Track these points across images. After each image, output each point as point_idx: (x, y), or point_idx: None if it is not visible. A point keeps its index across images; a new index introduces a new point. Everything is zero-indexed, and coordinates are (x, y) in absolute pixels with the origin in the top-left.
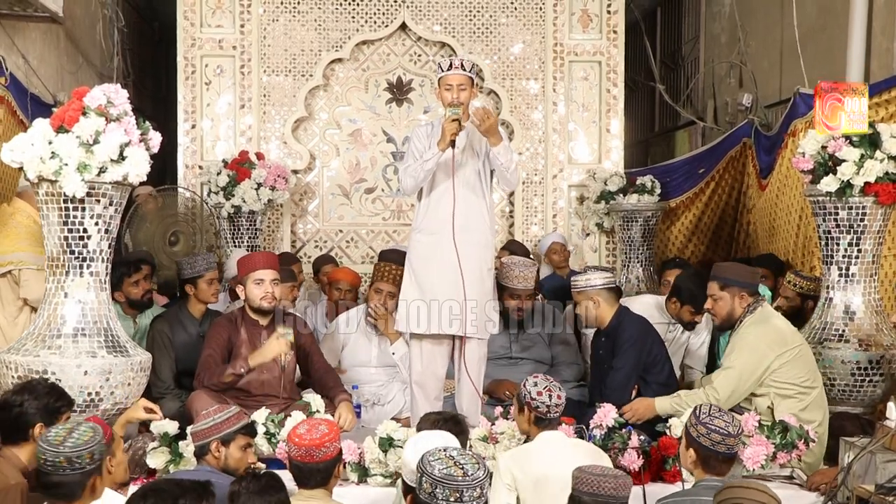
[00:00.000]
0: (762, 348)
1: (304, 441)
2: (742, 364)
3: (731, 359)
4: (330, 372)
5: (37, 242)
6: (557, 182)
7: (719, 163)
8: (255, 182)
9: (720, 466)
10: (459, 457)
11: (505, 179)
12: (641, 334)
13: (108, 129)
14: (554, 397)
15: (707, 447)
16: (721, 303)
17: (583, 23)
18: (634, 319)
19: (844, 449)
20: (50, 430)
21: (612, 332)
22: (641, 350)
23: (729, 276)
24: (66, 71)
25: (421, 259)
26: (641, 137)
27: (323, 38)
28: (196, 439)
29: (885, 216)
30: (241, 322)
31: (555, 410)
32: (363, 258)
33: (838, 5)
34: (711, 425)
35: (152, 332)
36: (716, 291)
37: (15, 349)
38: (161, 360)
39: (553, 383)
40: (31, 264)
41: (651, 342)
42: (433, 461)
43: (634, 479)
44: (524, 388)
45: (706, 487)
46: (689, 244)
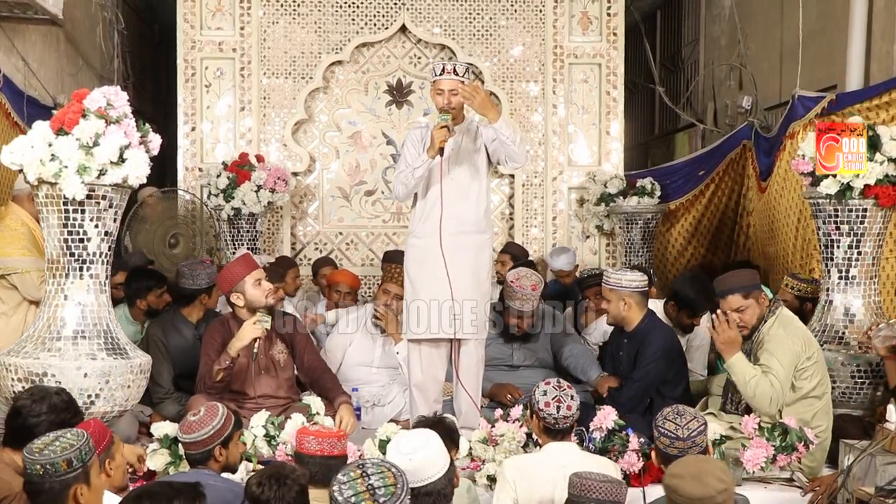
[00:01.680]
0: (795, 347)
1: (324, 432)
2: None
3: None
4: (327, 372)
5: (25, 246)
6: (557, 184)
7: (719, 165)
8: (254, 184)
9: None
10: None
11: (513, 154)
12: (668, 349)
13: (108, 132)
14: (563, 409)
15: (660, 449)
16: (749, 311)
17: (583, 25)
18: (664, 330)
19: (844, 451)
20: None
21: (639, 338)
22: (668, 366)
23: (746, 283)
24: (66, 73)
25: (416, 263)
26: (641, 140)
27: (323, 41)
28: (197, 448)
29: (885, 218)
30: (233, 324)
31: (563, 422)
32: (363, 260)
33: (838, 8)
34: (662, 428)
35: (147, 338)
36: (741, 302)
37: (15, 351)
38: (158, 366)
39: (564, 392)
40: (18, 269)
41: (676, 356)
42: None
43: (634, 482)
44: (534, 394)
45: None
46: (688, 246)
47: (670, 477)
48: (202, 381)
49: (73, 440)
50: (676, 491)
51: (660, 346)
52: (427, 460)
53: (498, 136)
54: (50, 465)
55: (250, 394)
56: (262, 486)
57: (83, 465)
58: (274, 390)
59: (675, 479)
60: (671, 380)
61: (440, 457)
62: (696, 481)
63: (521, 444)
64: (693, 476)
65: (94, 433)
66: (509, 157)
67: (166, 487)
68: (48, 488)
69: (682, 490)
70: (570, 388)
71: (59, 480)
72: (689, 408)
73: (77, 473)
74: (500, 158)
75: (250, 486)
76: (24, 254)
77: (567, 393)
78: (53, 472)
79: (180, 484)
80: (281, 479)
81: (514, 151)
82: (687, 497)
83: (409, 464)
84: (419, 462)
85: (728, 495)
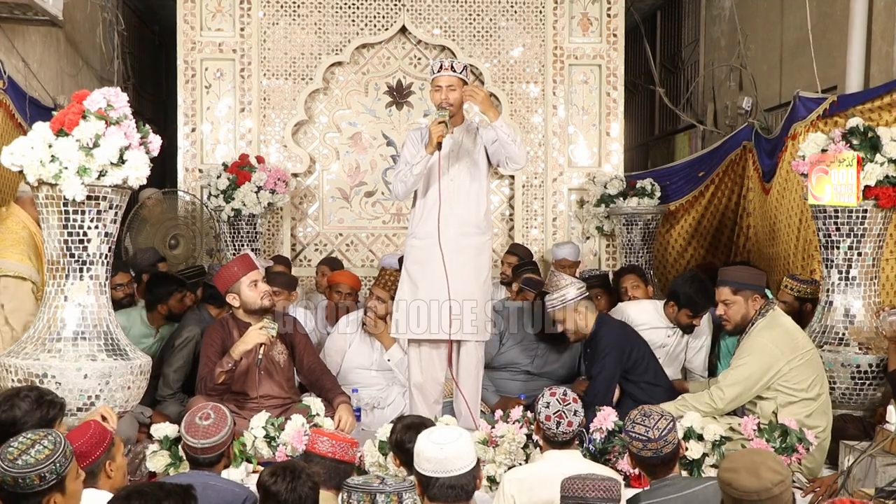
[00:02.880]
0: (774, 352)
1: (339, 436)
2: (752, 366)
3: (741, 360)
4: (326, 373)
5: (24, 252)
6: (557, 185)
7: (719, 166)
8: (254, 185)
9: (656, 470)
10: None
11: (513, 154)
12: (619, 339)
13: (108, 133)
14: (563, 425)
15: (635, 453)
16: (734, 307)
17: (583, 26)
18: (612, 325)
19: (844, 452)
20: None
21: (592, 340)
22: (621, 356)
23: (740, 280)
24: (66, 74)
25: (416, 264)
26: (641, 141)
27: (323, 42)
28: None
29: (886, 219)
30: (232, 325)
31: (563, 436)
32: (363, 261)
33: (838, 9)
34: (633, 432)
35: (177, 337)
36: (728, 296)
37: (14, 352)
38: (178, 365)
39: (567, 407)
40: (10, 271)
41: (631, 346)
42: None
43: (634, 483)
44: (537, 403)
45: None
46: (688, 247)
47: (724, 471)
48: (202, 382)
49: (49, 450)
50: (731, 485)
51: (608, 339)
52: (458, 452)
53: (498, 134)
54: (21, 479)
55: (251, 395)
56: (276, 477)
57: (57, 476)
58: (274, 391)
59: (729, 473)
60: (633, 366)
61: (469, 453)
62: (751, 474)
63: (522, 445)
64: (748, 469)
65: (94, 435)
66: (510, 158)
67: (156, 488)
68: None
69: (738, 483)
70: (575, 401)
71: (33, 492)
72: (654, 407)
73: (51, 485)
74: (500, 160)
75: (263, 477)
76: (23, 260)
77: (570, 408)
78: (25, 486)
79: (171, 485)
80: (295, 473)
81: (514, 151)
82: (743, 490)
83: (440, 452)
84: (449, 452)
85: (784, 486)
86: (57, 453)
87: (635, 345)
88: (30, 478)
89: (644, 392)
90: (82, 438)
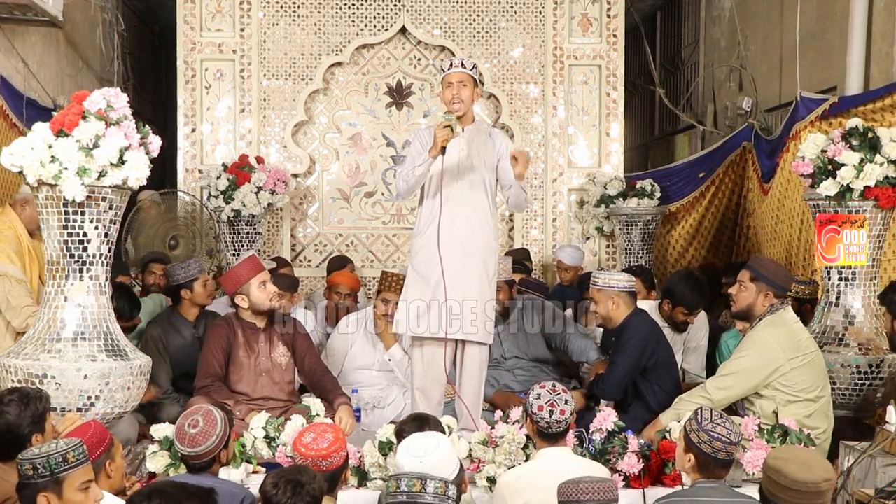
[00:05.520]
0: (774, 349)
1: (311, 451)
2: (750, 360)
3: (740, 354)
4: (327, 374)
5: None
6: (557, 186)
7: (719, 167)
8: (254, 186)
9: (718, 471)
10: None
11: (521, 203)
12: (646, 335)
13: (108, 133)
14: (556, 413)
15: (707, 454)
16: (745, 293)
17: (583, 27)
18: (643, 321)
19: (844, 453)
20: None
21: (620, 329)
22: (643, 351)
23: (762, 272)
24: (66, 75)
25: (422, 264)
26: (641, 141)
27: (323, 42)
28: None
29: (885, 220)
30: (237, 325)
31: (557, 426)
32: (363, 262)
33: (838, 10)
34: (714, 433)
35: (145, 339)
36: (745, 280)
37: (14, 353)
38: (157, 367)
39: (558, 396)
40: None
41: (656, 344)
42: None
43: (634, 483)
44: (528, 396)
45: (704, 488)
46: (689, 248)
47: (775, 459)
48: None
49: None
50: (780, 471)
51: (636, 332)
52: (438, 463)
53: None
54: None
55: (251, 395)
56: (277, 489)
57: (50, 473)
58: (275, 392)
59: (779, 462)
60: (654, 366)
61: (451, 460)
62: (804, 466)
63: (521, 446)
64: (801, 462)
65: (94, 435)
66: (515, 205)
67: (179, 489)
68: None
69: (788, 471)
70: (565, 391)
71: (28, 484)
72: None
73: (45, 481)
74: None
75: (266, 484)
76: (3, 259)
77: (561, 397)
78: (22, 476)
79: (193, 487)
80: (297, 487)
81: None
82: (791, 479)
83: (420, 466)
84: (429, 465)
85: (831, 485)
86: (57, 452)
87: (659, 346)
88: (24, 468)
89: (655, 395)
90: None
